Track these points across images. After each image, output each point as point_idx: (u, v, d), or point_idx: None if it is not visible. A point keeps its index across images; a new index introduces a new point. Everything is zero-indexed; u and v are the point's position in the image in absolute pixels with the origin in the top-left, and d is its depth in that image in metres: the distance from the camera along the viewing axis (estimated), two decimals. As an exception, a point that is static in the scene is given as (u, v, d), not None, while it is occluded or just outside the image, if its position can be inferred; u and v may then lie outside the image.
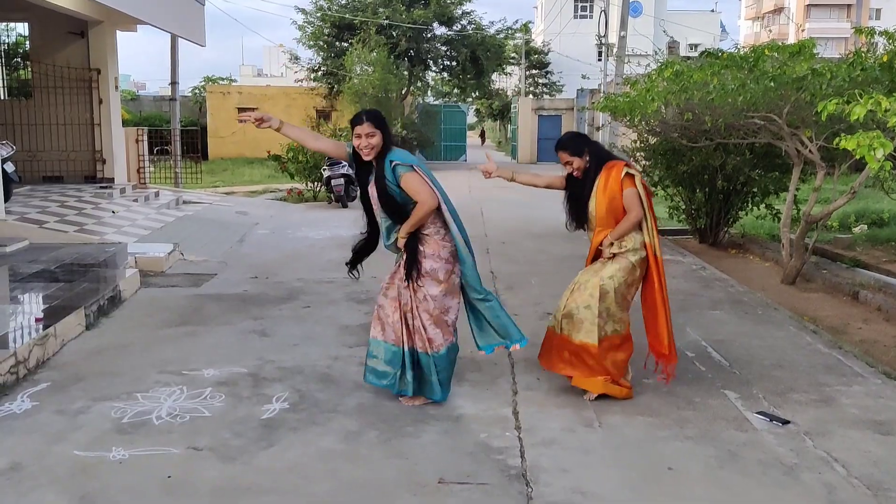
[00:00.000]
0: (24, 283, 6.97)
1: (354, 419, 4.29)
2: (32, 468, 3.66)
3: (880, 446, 4.02)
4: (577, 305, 4.62)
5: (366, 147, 4.31)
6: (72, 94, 13.38)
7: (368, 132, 4.30)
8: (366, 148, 4.32)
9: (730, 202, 10.92)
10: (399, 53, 27.98)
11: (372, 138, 4.31)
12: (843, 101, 5.06)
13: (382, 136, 4.34)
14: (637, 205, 4.55)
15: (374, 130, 4.31)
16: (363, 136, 4.31)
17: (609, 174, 4.61)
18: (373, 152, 4.33)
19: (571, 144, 4.71)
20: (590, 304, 4.58)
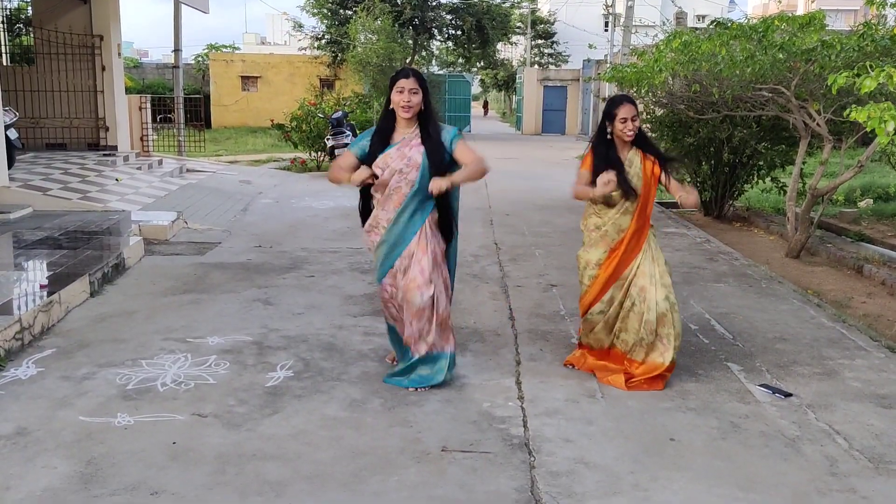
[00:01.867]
0: (28, 249, 6.98)
1: (358, 387, 4.31)
2: (38, 433, 3.68)
3: (882, 419, 4.03)
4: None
5: (407, 103, 4.06)
6: (74, 60, 13.29)
7: (412, 88, 4.06)
8: (406, 105, 4.06)
9: (735, 175, 10.88)
10: (404, 22, 27.76)
11: (415, 95, 4.07)
12: (853, 73, 5.00)
13: (424, 97, 4.12)
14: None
15: (417, 88, 4.08)
16: (406, 91, 4.06)
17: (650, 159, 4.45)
18: (412, 110, 4.09)
19: (636, 105, 4.49)
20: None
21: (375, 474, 3.35)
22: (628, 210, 4.42)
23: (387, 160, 4.13)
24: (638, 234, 4.46)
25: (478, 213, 10.43)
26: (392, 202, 4.18)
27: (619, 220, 4.44)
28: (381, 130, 4.22)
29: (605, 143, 4.45)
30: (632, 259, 4.47)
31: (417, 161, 4.10)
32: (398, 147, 4.14)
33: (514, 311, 5.90)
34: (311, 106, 17.18)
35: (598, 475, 3.38)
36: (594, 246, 4.52)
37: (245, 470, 3.37)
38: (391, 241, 4.22)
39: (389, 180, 4.13)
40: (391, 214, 4.19)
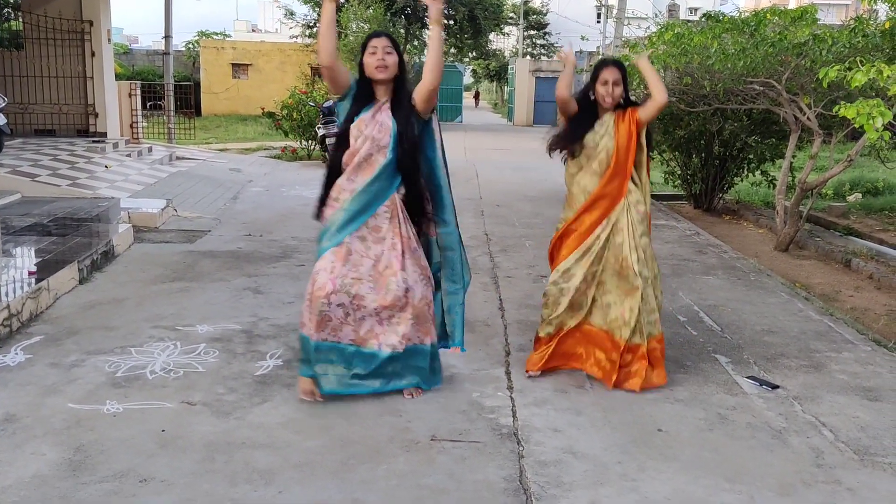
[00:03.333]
0: (16, 236, 6.94)
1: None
2: (27, 420, 3.67)
3: (868, 412, 4.07)
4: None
5: (380, 63, 3.79)
6: (64, 46, 13.17)
7: (386, 46, 3.81)
8: (380, 64, 3.79)
9: (725, 168, 10.92)
10: (395, 11, 27.67)
11: (389, 56, 3.82)
12: (843, 67, 5.03)
13: (399, 60, 3.87)
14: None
15: (391, 48, 3.83)
16: (379, 50, 3.80)
17: (627, 115, 4.23)
18: (387, 71, 3.81)
19: (626, 72, 4.28)
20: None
21: (364, 463, 3.36)
22: (595, 171, 4.24)
23: (360, 127, 3.84)
24: (605, 200, 4.23)
25: (468, 204, 10.43)
26: (362, 172, 3.85)
27: (583, 179, 4.28)
28: (358, 95, 3.92)
29: (587, 102, 4.29)
30: (597, 226, 4.23)
31: (388, 125, 3.83)
32: (372, 112, 3.86)
33: (503, 301, 5.91)
34: (303, 94, 17.11)
35: (585, 465, 3.41)
36: (567, 207, 4.41)
37: (234, 458, 3.38)
38: (354, 209, 3.84)
39: (361, 148, 3.83)
40: (356, 185, 3.84)
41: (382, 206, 3.86)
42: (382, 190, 3.85)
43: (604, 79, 4.18)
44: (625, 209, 4.22)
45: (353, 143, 3.85)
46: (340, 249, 3.83)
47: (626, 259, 4.16)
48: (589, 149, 4.26)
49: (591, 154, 4.25)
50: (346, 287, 3.82)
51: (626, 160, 4.21)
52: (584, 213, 4.26)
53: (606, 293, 4.26)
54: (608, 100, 4.20)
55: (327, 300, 3.79)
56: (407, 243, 3.90)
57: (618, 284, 4.22)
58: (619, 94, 4.22)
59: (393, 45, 3.85)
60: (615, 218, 4.22)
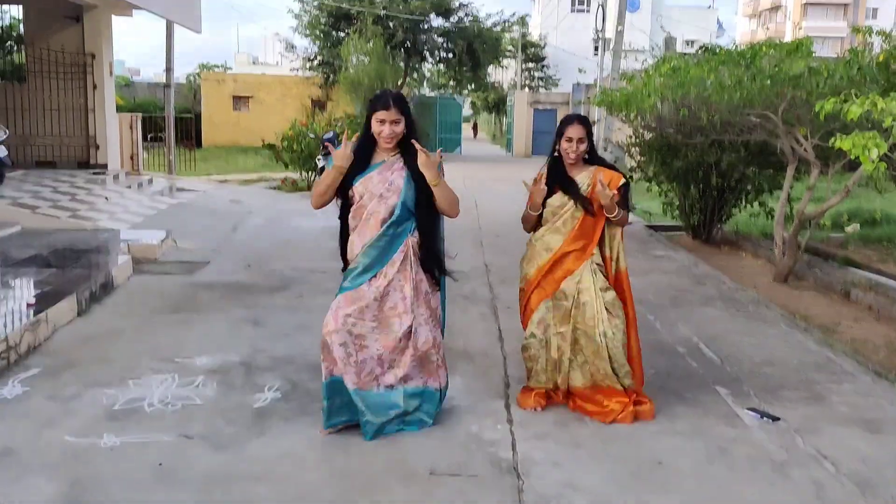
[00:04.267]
0: (15, 268, 6.94)
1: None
2: (24, 453, 3.65)
3: (869, 444, 4.04)
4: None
5: (389, 136, 3.80)
6: (66, 78, 13.30)
7: (395, 119, 3.78)
8: (388, 137, 3.80)
9: (723, 199, 10.94)
10: (395, 44, 27.93)
11: (397, 126, 3.80)
12: (840, 100, 5.07)
13: (407, 124, 3.85)
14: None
15: (400, 117, 3.80)
16: (388, 123, 3.78)
17: (610, 175, 4.23)
18: (393, 142, 3.84)
19: (590, 127, 4.32)
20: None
21: (363, 496, 3.34)
22: (559, 230, 4.27)
23: (367, 184, 3.86)
24: (569, 258, 4.25)
25: (468, 234, 10.45)
26: (370, 227, 3.87)
27: (547, 237, 4.30)
28: (360, 152, 3.91)
29: (554, 161, 4.33)
30: (562, 280, 4.25)
31: (399, 185, 3.85)
32: (380, 171, 3.87)
33: (503, 332, 5.91)
34: (303, 126, 17.22)
35: (586, 499, 3.38)
36: (526, 261, 4.42)
37: (232, 492, 3.35)
38: (366, 262, 3.89)
39: (368, 205, 3.87)
40: (366, 240, 3.88)
41: (396, 253, 3.89)
42: (392, 241, 3.88)
43: (568, 136, 4.23)
44: (589, 268, 4.24)
45: (357, 200, 3.88)
46: (350, 293, 3.89)
47: (594, 319, 4.17)
48: (554, 206, 4.28)
49: (556, 212, 4.28)
50: (347, 325, 3.83)
51: (593, 225, 4.25)
52: (549, 270, 4.28)
53: (578, 352, 4.27)
54: (572, 155, 4.23)
55: (330, 338, 3.83)
56: (417, 284, 3.92)
57: (586, 344, 4.23)
58: (584, 151, 4.25)
59: (401, 111, 3.81)
60: (578, 275, 4.23)
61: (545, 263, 4.28)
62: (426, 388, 4.01)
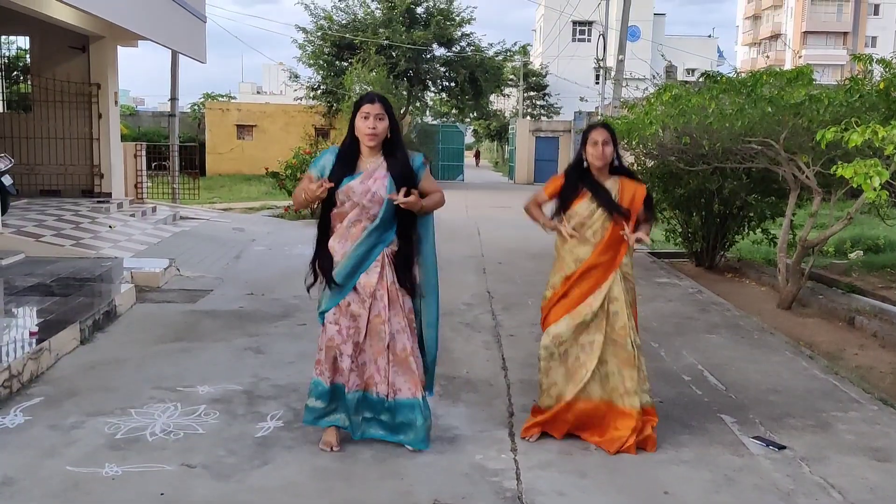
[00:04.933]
0: (19, 296, 6.95)
1: (349, 438, 4.26)
2: (25, 483, 3.63)
3: (876, 473, 4.01)
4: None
5: (372, 129, 3.82)
6: (71, 108, 13.40)
7: (378, 113, 3.82)
8: (371, 131, 3.82)
9: (726, 226, 10.95)
10: (398, 73, 28.15)
11: (381, 121, 3.84)
12: (840, 128, 5.09)
13: (391, 125, 3.90)
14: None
15: (383, 114, 3.84)
16: (371, 117, 3.82)
17: (634, 186, 4.24)
18: (377, 138, 3.86)
19: (615, 133, 4.28)
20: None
21: (366, 527, 3.30)
22: (588, 241, 4.19)
23: (349, 192, 3.88)
24: (598, 270, 4.19)
25: (470, 262, 10.46)
26: (351, 235, 3.93)
27: (577, 249, 4.22)
28: (345, 156, 3.95)
29: (580, 170, 4.27)
30: (588, 294, 4.19)
31: (382, 196, 3.86)
32: (361, 179, 3.89)
33: (506, 360, 5.88)
34: (306, 154, 17.31)
35: (591, 529, 3.34)
36: (554, 271, 4.35)
37: (234, 522, 3.32)
38: (344, 272, 3.93)
39: (349, 213, 3.92)
40: (347, 248, 3.93)
41: (373, 263, 3.95)
42: (370, 249, 3.93)
43: (593, 140, 4.17)
44: (618, 278, 4.20)
45: (339, 206, 3.94)
46: (342, 304, 3.96)
47: (625, 328, 4.16)
48: (582, 216, 4.21)
49: (585, 222, 4.20)
50: (352, 336, 3.95)
51: (621, 236, 4.16)
52: (576, 281, 4.21)
53: (604, 363, 4.21)
54: (599, 159, 4.16)
55: (339, 350, 3.96)
56: (393, 293, 3.97)
57: (615, 353, 4.19)
58: (610, 153, 4.19)
59: (385, 110, 3.86)
60: (607, 287, 4.18)
61: (573, 273, 4.22)
62: (414, 398, 4.02)
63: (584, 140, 4.25)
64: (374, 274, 3.94)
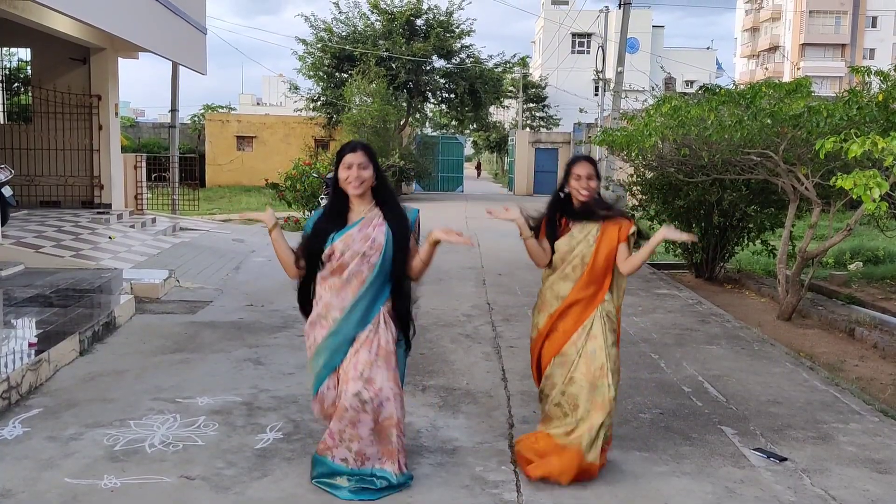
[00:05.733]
0: (18, 307, 6.94)
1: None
2: (23, 495, 3.61)
3: (878, 485, 3.99)
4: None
5: (356, 179, 3.67)
6: (72, 119, 13.44)
7: (361, 162, 3.68)
8: (355, 181, 3.67)
9: (726, 237, 10.96)
10: (398, 85, 28.23)
11: (364, 170, 3.69)
12: (839, 139, 5.10)
13: (375, 172, 3.75)
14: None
15: (367, 162, 3.70)
16: (355, 167, 3.67)
17: (616, 232, 4.02)
18: (361, 187, 3.69)
19: (598, 167, 4.11)
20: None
21: (366, 540, 3.28)
22: (568, 276, 4.03)
23: (348, 241, 3.69)
24: (579, 306, 4.02)
25: (470, 273, 10.46)
26: (350, 288, 3.70)
27: (557, 285, 4.08)
28: (332, 210, 3.80)
29: (559, 202, 4.13)
30: (572, 333, 4.01)
31: (381, 242, 3.69)
32: (360, 227, 3.72)
33: (506, 372, 5.87)
34: (306, 166, 17.34)
35: (592, 541, 3.33)
36: (537, 311, 4.20)
37: (233, 535, 3.30)
38: (344, 332, 3.71)
39: (350, 264, 3.69)
40: (347, 303, 3.70)
41: (374, 316, 3.74)
42: (371, 304, 3.72)
43: (576, 174, 4.04)
44: (600, 316, 4.00)
45: (338, 258, 3.70)
46: (345, 363, 3.72)
47: (602, 368, 3.92)
48: (562, 252, 4.07)
49: (565, 258, 4.06)
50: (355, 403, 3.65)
51: (603, 271, 4.02)
52: (558, 319, 4.05)
53: (576, 408, 3.95)
54: (583, 193, 4.02)
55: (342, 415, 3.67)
56: (386, 356, 3.71)
57: (588, 397, 3.92)
58: (595, 188, 4.05)
59: (369, 158, 3.72)
60: (590, 325, 4.00)
61: (555, 311, 4.06)
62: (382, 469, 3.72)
63: (567, 173, 4.11)
64: (370, 330, 3.72)
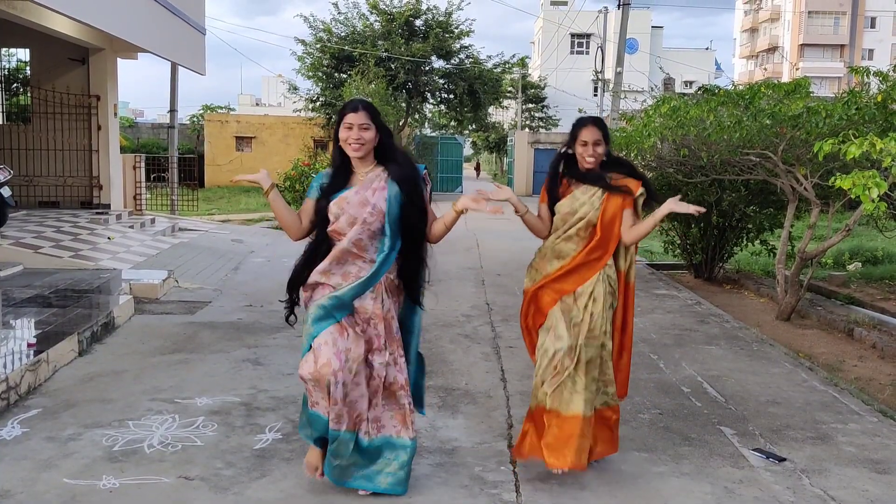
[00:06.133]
0: (17, 308, 6.93)
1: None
2: (21, 496, 3.61)
3: (877, 485, 3.99)
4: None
5: (355, 141, 3.50)
6: (70, 119, 13.42)
7: (363, 123, 3.50)
8: (355, 142, 3.51)
9: (725, 238, 10.97)
10: (397, 85, 28.25)
11: (366, 131, 3.51)
12: (838, 140, 5.10)
13: (378, 133, 3.57)
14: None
15: (369, 123, 3.52)
16: (355, 127, 3.50)
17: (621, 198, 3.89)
18: (362, 149, 3.53)
19: (606, 129, 3.94)
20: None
21: (365, 540, 3.28)
22: (571, 238, 3.91)
23: (342, 204, 3.55)
24: (583, 268, 3.88)
25: (469, 273, 10.46)
26: (352, 257, 3.58)
27: (559, 245, 3.94)
28: (337, 171, 3.66)
29: (563, 160, 3.98)
30: (561, 296, 3.90)
31: (382, 209, 3.52)
32: (357, 190, 3.56)
33: (505, 372, 5.87)
34: (305, 166, 17.34)
35: (591, 542, 3.32)
36: (534, 268, 4.06)
37: (232, 535, 3.30)
38: (345, 297, 3.55)
39: (346, 231, 3.55)
40: (350, 272, 3.59)
41: (375, 285, 3.59)
42: (373, 274, 3.55)
43: (583, 140, 3.87)
44: (601, 279, 3.89)
45: (333, 222, 3.56)
46: (337, 326, 3.54)
47: (598, 328, 3.84)
48: (564, 213, 3.94)
49: (567, 219, 3.93)
50: (349, 364, 3.49)
51: (610, 234, 3.89)
52: (554, 280, 3.93)
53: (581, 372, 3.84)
54: (590, 160, 3.87)
55: (335, 377, 3.45)
56: (388, 324, 3.61)
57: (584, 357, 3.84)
58: (601, 154, 3.89)
59: (371, 118, 3.53)
60: (591, 287, 3.88)
61: (554, 271, 3.92)
62: (399, 437, 3.65)
63: (572, 137, 3.94)
64: (370, 299, 3.58)
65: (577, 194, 3.93)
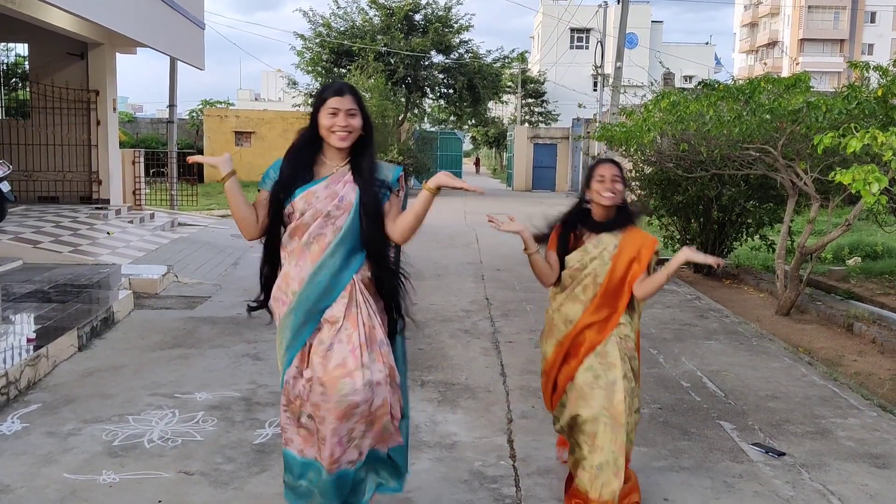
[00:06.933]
0: (16, 303, 6.93)
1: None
2: (21, 490, 3.61)
3: (876, 480, 4.00)
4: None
5: (343, 130, 3.00)
6: (69, 114, 13.40)
7: (350, 108, 3.01)
8: (342, 129, 3.00)
9: (724, 232, 10.96)
10: (397, 80, 28.22)
11: (353, 118, 3.02)
12: (838, 134, 5.10)
13: (363, 122, 3.08)
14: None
15: (356, 109, 3.04)
16: (342, 114, 3.00)
17: (640, 240, 3.61)
18: (349, 137, 3.03)
19: (623, 172, 3.61)
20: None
21: (365, 535, 3.28)
22: (578, 298, 3.56)
23: (310, 199, 3.02)
24: (591, 330, 3.52)
25: (469, 268, 10.46)
26: (310, 254, 3.04)
27: (566, 307, 3.60)
28: (298, 158, 3.12)
29: (578, 212, 3.66)
30: (583, 360, 3.51)
31: (351, 201, 3.03)
32: (327, 184, 3.04)
33: (505, 367, 5.87)
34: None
35: (591, 536, 3.33)
36: (545, 337, 3.72)
37: (232, 530, 3.30)
38: (305, 306, 3.04)
39: (311, 225, 3.02)
40: (305, 273, 3.03)
41: (342, 290, 3.05)
42: (337, 272, 3.03)
43: (599, 175, 3.52)
44: (615, 341, 3.52)
45: (297, 218, 3.04)
46: (302, 351, 3.13)
47: (620, 404, 3.40)
48: (573, 268, 3.59)
49: (576, 276, 3.58)
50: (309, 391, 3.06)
51: (618, 292, 3.54)
52: (569, 347, 3.57)
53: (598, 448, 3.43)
54: (607, 195, 3.50)
55: (304, 409, 3.09)
56: (369, 333, 3.03)
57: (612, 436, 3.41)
58: (621, 191, 3.53)
59: (358, 104, 3.06)
60: (605, 350, 3.51)
61: (564, 338, 3.57)
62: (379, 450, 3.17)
63: (588, 177, 3.62)
64: (341, 306, 3.03)
65: (587, 247, 3.59)
